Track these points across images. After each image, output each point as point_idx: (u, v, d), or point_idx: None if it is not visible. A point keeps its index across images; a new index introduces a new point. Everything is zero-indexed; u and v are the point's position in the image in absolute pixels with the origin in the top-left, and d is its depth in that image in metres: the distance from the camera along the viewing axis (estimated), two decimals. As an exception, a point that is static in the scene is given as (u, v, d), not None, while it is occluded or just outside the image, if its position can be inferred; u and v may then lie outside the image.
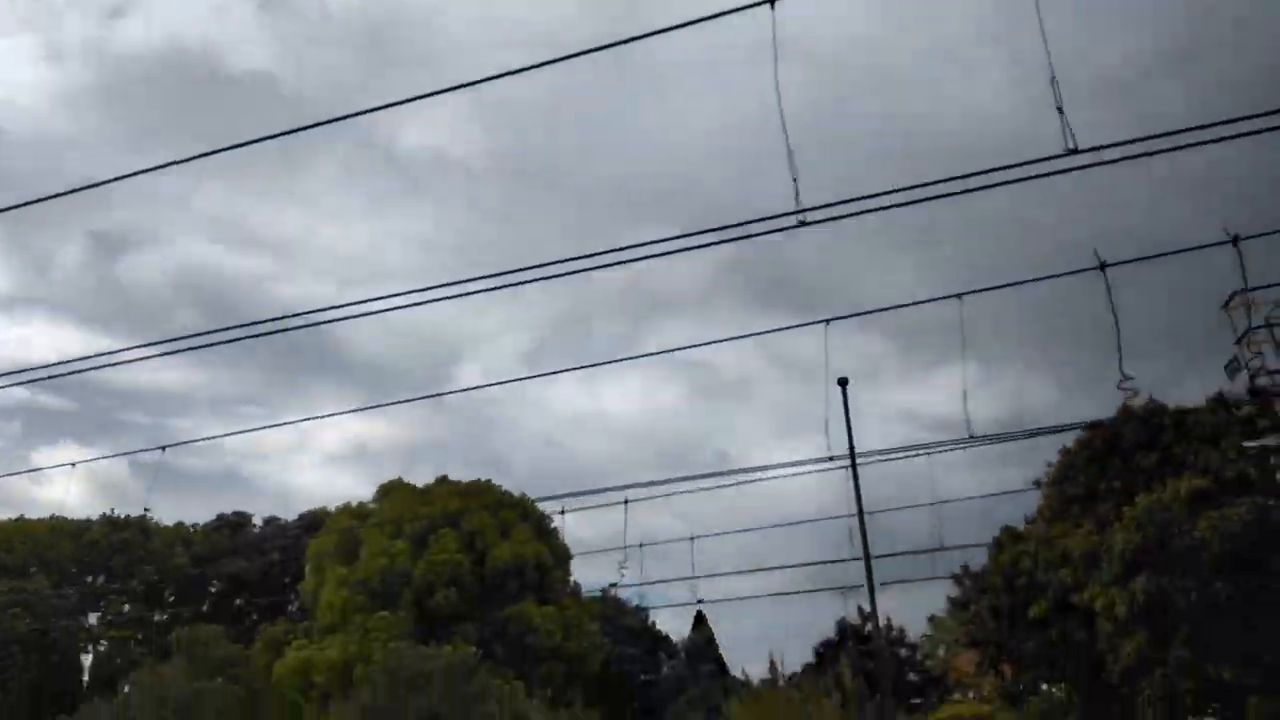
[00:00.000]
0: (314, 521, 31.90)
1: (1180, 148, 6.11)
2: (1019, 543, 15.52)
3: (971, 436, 11.09)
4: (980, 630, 15.71)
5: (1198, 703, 14.08)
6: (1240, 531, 13.18)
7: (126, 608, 31.03)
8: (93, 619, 31.54)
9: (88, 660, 30.78)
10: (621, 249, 6.62)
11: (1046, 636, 14.93)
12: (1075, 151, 6.06)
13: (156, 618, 32.06)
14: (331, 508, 30.44)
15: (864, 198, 6.29)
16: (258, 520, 36.35)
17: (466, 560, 24.83)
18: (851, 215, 6.32)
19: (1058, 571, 14.73)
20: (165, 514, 36.37)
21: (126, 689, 20.87)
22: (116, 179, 7.39)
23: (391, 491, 28.13)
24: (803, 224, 6.28)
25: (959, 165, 6.03)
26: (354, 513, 28.48)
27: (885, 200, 6.32)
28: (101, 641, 30.70)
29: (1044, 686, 16.47)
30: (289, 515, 35.88)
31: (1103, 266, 10.03)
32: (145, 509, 34.70)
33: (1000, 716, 17.15)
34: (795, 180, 6.23)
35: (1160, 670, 13.64)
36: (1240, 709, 13.47)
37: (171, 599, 33.38)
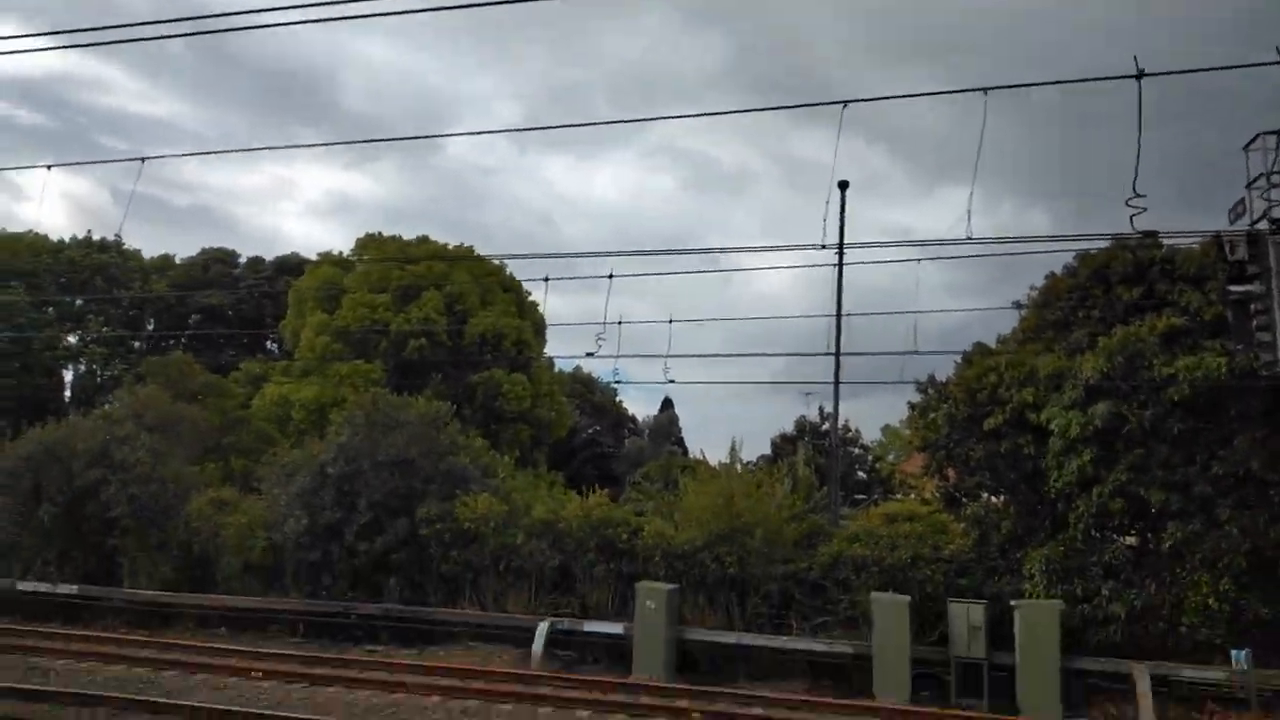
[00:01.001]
0: (294, 266, 31.86)
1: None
2: (989, 358, 15.81)
3: (970, 238, 11.08)
4: (933, 434, 16.30)
5: (1122, 523, 14.97)
6: (1206, 375, 13.53)
7: (105, 329, 31.38)
8: (71, 339, 31.93)
9: (68, 376, 31.50)
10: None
11: (996, 448, 15.56)
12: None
13: (135, 343, 32.54)
14: (313, 256, 30.33)
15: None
16: (241, 259, 36.21)
17: (446, 322, 25.07)
18: None
19: (1021, 389, 15.12)
20: (145, 247, 36.08)
21: (106, 406, 21.47)
22: None
23: (370, 246, 27.88)
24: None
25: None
26: (336, 262, 28.35)
27: None
28: (80, 359, 31.28)
29: (984, 495, 17.34)
30: (269, 258, 35.76)
31: (1140, 75, 9.54)
32: (117, 233, 34.25)
33: (936, 516, 18.14)
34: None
35: (1097, 489, 14.40)
36: (1161, 531, 14.39)
37: (150, 325, 33.73)
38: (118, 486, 18.72)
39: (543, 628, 15.92)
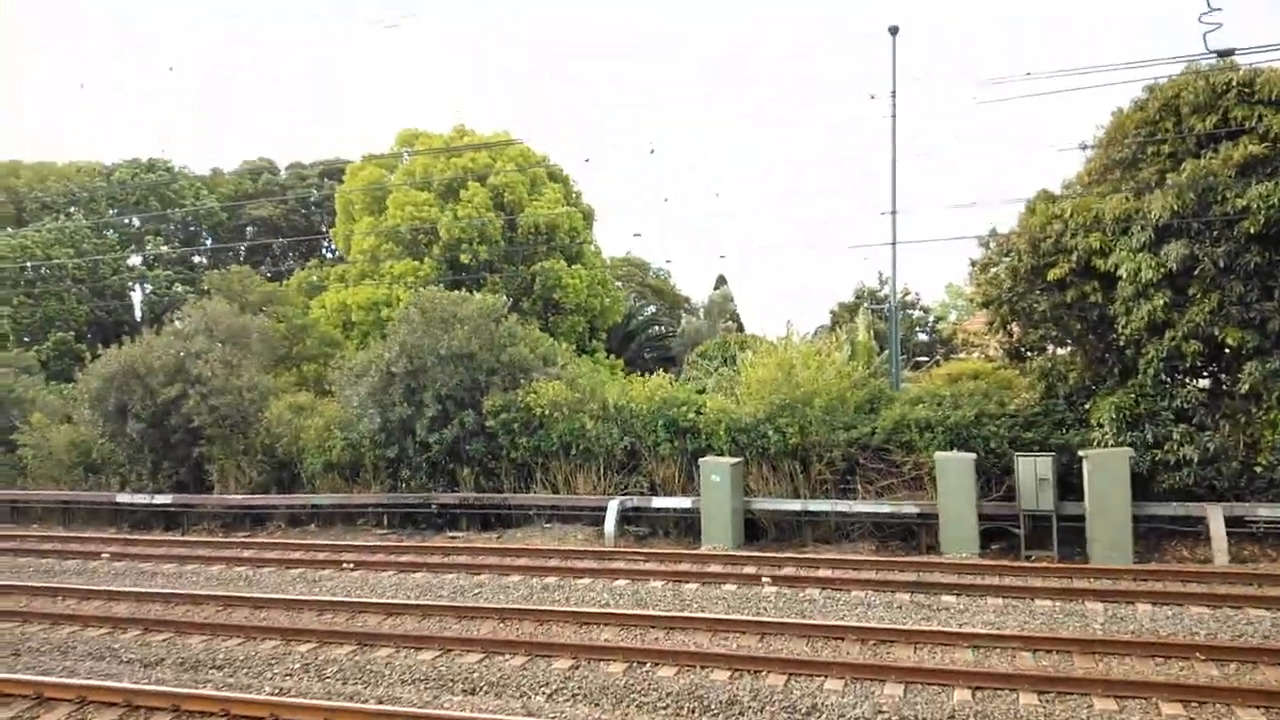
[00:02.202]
0: (333, 169, 31.89)
1: None
2: (1053, 205, 15.15)
3: (1029, 74, 10.45)
4: (995, 289, 15.88)
5: (1196, 365, 14.56)
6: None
7: (164, 248, 32.12)
8: (135, 260, 32.78)
9: (136, 297, 32.52)
10: None
11: (1062, 298, 15.09)
12: None
13: (195, 259, 33.30)
14: (354, 158, 30.25)
15: None
16: (281, 167, 36.35)
17: (497, 218, 24.96)
18: None
19: (1087, 235, 14.53)
20: (187, 162, 36.41)
21: (175, 322, 22.15)
22: None
23: (412, 141, 27.63)
24: None
25: None
26: (379, 162, 28.24)
27: None
28: (146, 280, 32.18)
29: (1049, 348, 16.99)
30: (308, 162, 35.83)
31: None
32: (162, 150, 34.57)
33: (1000, 372, 17.90)
34: None
35: (1169, 333, 13.95)
36: (1237, 372, 13.97)
37: (208, 241, 34.40)
38: (197, 399, 19.51)
39: (613, 506, 16.40)
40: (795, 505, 15.97)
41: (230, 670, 9.46)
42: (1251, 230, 13.11)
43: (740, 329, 36.09)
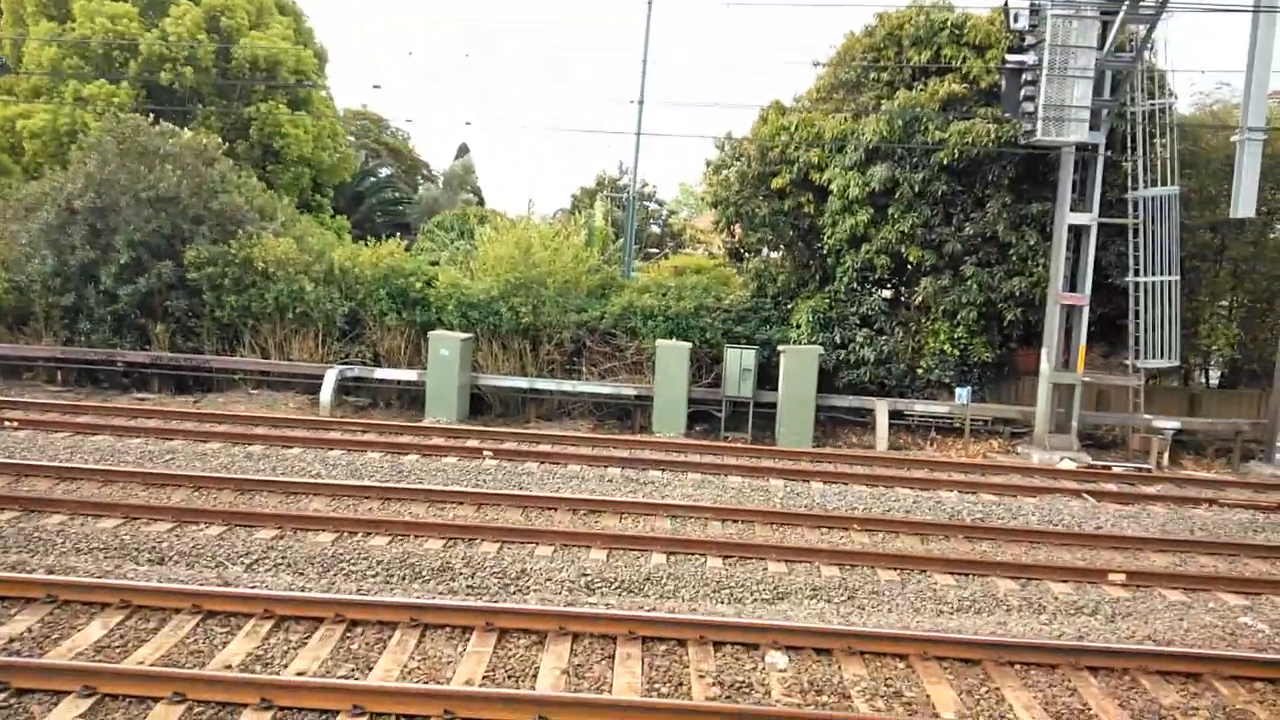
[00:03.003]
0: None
1: None
2: (783, 117, 16.06)
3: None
4: (724, 192, 16.73)
5: (883, 278, 16.38)
6: (975, 141, 14.48)
7: None
8: None
9: None
10: None
11: (781, 206, 16.24)
12: None
13: None
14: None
15: None
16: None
17: (210, 43, 21.95)
18: None
19: (808, 150, 15.61)
20: None
21: None
22: None
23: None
24: None
25: None
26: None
27: None
28: None
29: (764, 250, 18.31)
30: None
31: None
32: None
33: (721, 270, 19.06)
34: None
35: (865, 246, 15.54)
36: (914, 286, 15.92)
37: None
38: None
39: (331, 375, 15.72)
40: (522, 383, 16.23)
41: None
42: (945, 161, 14.77)
43: (481, 203, 35.26)
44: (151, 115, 17.69)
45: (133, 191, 16.17)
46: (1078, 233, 14.62)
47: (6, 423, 12.68)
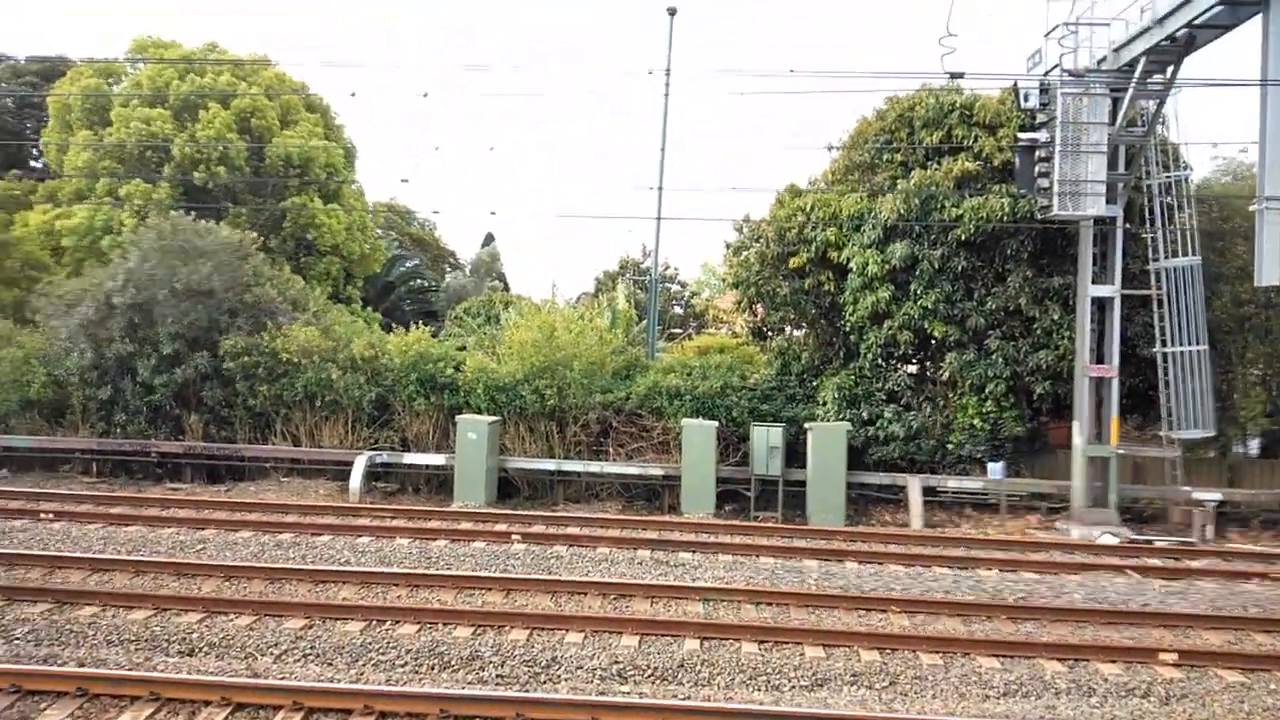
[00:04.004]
0: (51, 70, 27.76)
1: None
2: (798, 198, 16.35)
3: (791, 71, 11.14)
4: (745, 272, 16.94)
5: (907, 353, 16.38)
6: (990, 216, 14.66)
7: None
8: None
9: None
10: None
11: (801, 285, 16.39)
12: None
13: None
14: (75, 58, 26.55)
15: None
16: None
17: (241, 142, 22.83)
18: None
19: (825, 229, 15.84)
20: None
21: None
22: None
23: (148, 49, 24.57)
24: None
25: None
26: (103, 69, 24.92)
27: None
28: None
29: (787, 329, 18.41)
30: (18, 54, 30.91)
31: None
32: None
33: (744, 348, 19.15)
34: None
35: (888, 323, 15.58)
36: (940, 361, 15.89)
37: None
38: None
39: (361, 460, 15.81)
40: (550, 465, 16.22)
41: (-114, 635, 8.14)
42: (963, 237, 14.92)
43: (506, 288, 35.83)
44: (189, 213, 18.32)
45: (170, 285, 16.63)
46: (1101, 304, 14.60)
47: (43, 515, 12.81)
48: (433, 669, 7.83)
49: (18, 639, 8.11)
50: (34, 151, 28.97)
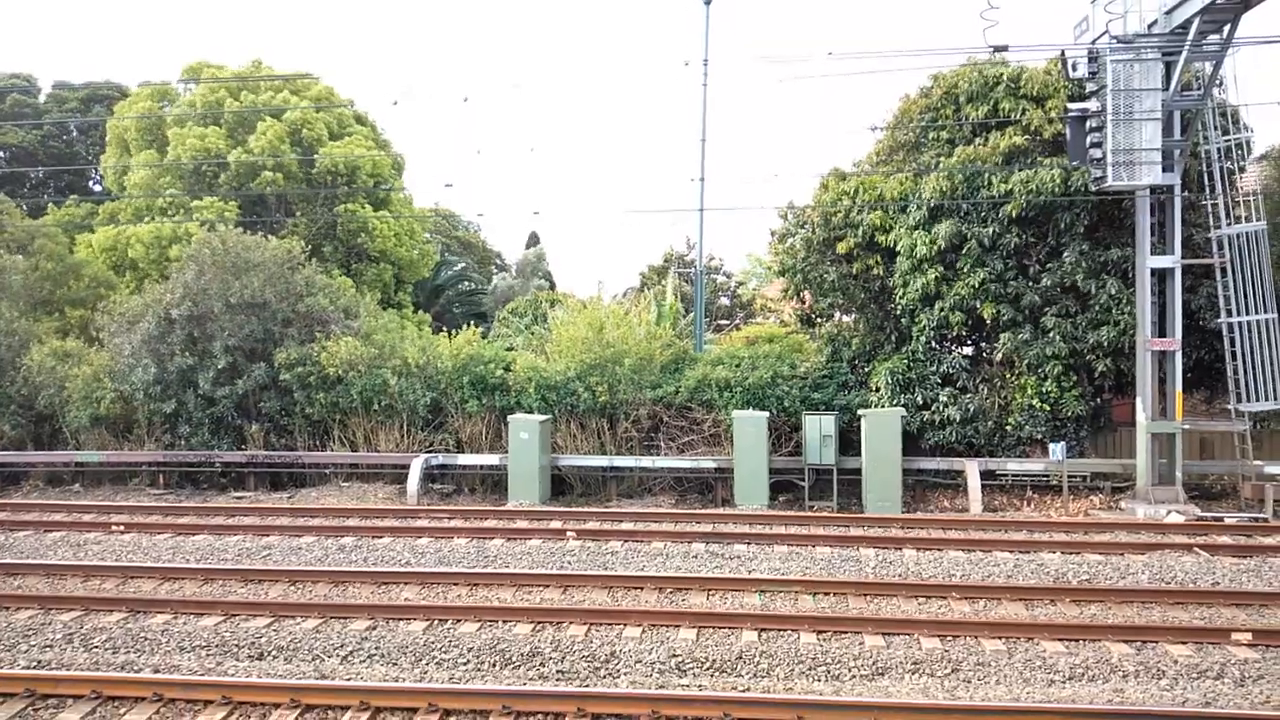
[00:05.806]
0: (104, 95, 28.65)
1: None
2: (843, 183, 16.15)
3: (830, 54, 11.03)
4: (791, 259, 16.79)
5: (961, 334, 16.09)
6: (1040, 189, 14.31)
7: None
8: None
9: None
10: None
11: (849, 270, 16.20)
12: None
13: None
14: (131, 86, 27.37)
15: None
16: (44, 86, 32.21)
17: (292, 152, 23.32)
18: None
19: (871, 212, 15.61)
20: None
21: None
22: None
23: (199, 73, 25.26)
24: None
25: None
26: (159, 92, 25.65)
27: None
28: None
29: (836, 315, 18.20)
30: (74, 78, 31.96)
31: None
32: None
33: (793, 337, 18.99)
34: None
35: (939, 305, 15.31)
36: (994, 341, 15.57)
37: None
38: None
39: (417, 463, 16.06)
40: (602, 461, 16.29)
41: (-25, 646, 8.50)
42: (1013, 213, 14.58)
43: (553, 287, 36.05)
44: (243, 228, 18.77)
45: (225, 298, 17.06)
46: (1161, 276, 14.16)
47: (114, 528, 13.26)
48: (494, 666, 7.93)
49: (96, 647, 8.42)
50: (94, 175, 29.97)
